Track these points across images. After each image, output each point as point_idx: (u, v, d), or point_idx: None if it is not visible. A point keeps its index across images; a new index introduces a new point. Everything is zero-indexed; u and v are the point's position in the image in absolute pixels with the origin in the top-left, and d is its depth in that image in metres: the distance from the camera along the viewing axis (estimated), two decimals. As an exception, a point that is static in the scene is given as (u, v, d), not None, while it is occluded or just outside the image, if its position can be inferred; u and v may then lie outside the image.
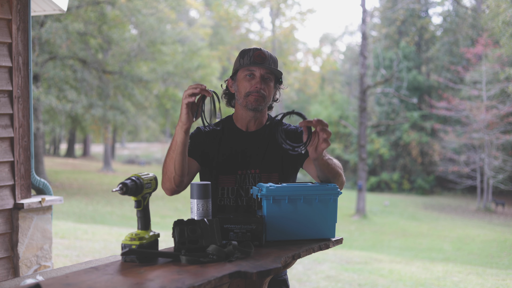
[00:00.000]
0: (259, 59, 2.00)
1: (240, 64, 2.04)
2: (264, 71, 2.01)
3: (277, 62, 2.07)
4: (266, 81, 2.03)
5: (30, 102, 3.28)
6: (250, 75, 2.02)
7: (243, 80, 2.03)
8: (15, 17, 3.18)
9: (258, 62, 1.99)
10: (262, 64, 1.99)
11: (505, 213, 19.36)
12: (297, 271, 6.42)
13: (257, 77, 2.01)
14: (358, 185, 16.85)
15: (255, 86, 2.01)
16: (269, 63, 2.02)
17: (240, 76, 2.05)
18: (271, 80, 2.04)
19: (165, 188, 1.96)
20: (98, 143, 39.13)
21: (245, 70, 2.02)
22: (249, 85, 2.02)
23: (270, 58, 2.03)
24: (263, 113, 2.11)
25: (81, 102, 16.41)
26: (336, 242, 1.87)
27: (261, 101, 2.02)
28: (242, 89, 2.03)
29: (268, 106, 2.12)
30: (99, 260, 1.97)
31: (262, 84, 2.01)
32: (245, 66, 2.01)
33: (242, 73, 2.04)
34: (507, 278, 6.87)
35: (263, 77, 2.02)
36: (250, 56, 2.01)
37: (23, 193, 3.27)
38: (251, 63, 2.00)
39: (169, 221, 12.22)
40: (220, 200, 2.06)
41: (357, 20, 51.67)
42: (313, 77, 30.85)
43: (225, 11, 27.61)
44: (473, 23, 24.94)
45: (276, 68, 2.06)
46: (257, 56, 2.00)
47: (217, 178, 2.06)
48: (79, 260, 6.24)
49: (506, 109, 19.17)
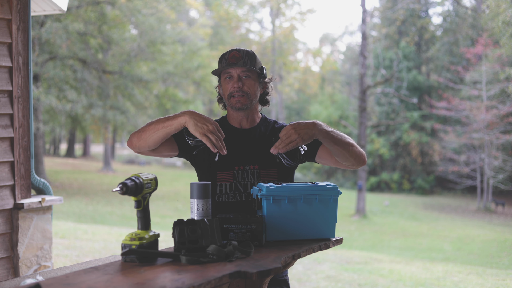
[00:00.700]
0: (234, 60, 2.05)
1: (220, 68, 2.10)
2: (240, 70, 2.06)
3: (254, 58, 2.09)
4: (244, 80, 2.07)
5: (30, 102, 3.28)
6: (229, 77, 2.09)
7: (224, 83, 2.11)
8: (15, 17, 3.18)
9: (233, 63, 2.05)
10: (236, 64, 2.05)
11: (505, 213, 19.36)
12: (297, 271, 6.42)
13: (234, 77, 2.07)
14: (358, 185, 16.85)
15: (232, 86, 2.07)
16: (245, 61, 2.06)
17: (221, 80, 2.13)
18: (250, 77, 2.08)
19: (131, 141, 2.03)
20: (98, 143, 39.14)
21: (224, 73, 2.10)
22: (229, 86, 2.09)
23: (246, 56, 2.07)
24: (254, 110, 2.16)
25: (81, 102, 16.41)
26: (336, 242, 1.87)
27: (244, 100, 2.07)
28: (225, 92, 2.11)
29: (261, 102, 2.19)
30: (99, 260, 1.97)
31: (239, 83, 2.06)
32: (223, 69, 2.08)
33: (223, 77, 2.11)
34: (507, 278, 6.88)
35: (240, 77, 2.07)
36: (226, 58, 2.07)
37: (23, 193, 3.27)
38: (226, 65, 2.06)
39: (169, 221, 12.22)
40: (218, 197, 2.08)
41: (357, 20, 51.69)
42: (313, 77, 30.84)
43: (225, 11, 27.60)
44: (473, 23, 24.93)
45: (254, 63, 2.08)
46: (232, 57, 2.06)
47: (215, 175, 2.08)
48: (79, 260, 6.24)
49: (506, 109, 19.17)
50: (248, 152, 2.09)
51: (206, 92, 22.89)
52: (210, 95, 24.26)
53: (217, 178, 2.08)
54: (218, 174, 2.08)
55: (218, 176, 2.08)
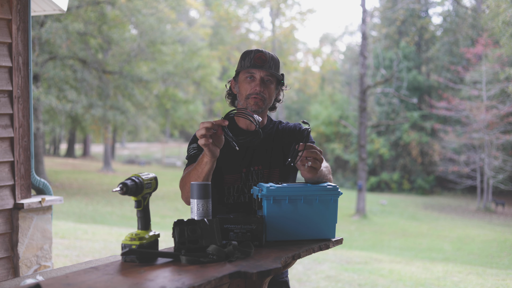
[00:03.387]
0: (260, 62, 2.02)
1: (241, 66, 2.06)
2: (264, 74, 2.03)
3: (278, 64, 2.08)
4: (266, 84, 2.05)
5: (30, 102, 3.28)
6: (250, 77, 2.04)
7: (244, 82, 2.06)
8: (15, 17, 3.18)
9: (258, 65, 2.01)
10: (262, 67, 2.01)
11: (505, 213, 19.36)
12: (297, 271, 6.42)
13: (257, 80, 2.03)
14: (358, 185, 16.84)
15: (254, 89, 2.03)
16: (270, 66, 2.03)
17: (241, 78, 2.08)
18: (271, 82, 2.06)
19: (186, 198, 1.98)
20: (98, 143, 39.13)
21: (246, 72, 2.05)
22: (249, 87, 2.04)
23: (271, 60, 2.04)
24: (264, 114, 2.13)
25: (81, 102, 16.41)
26: (336, 242, 1.87)
27: (261, 103, 2.05)
28: (243, 91, 2.06)
29: (269, 107, 2.14)
30: (99, 260, 1.97)
31: (261, 87, 2.03)
32: (245, 68, 2.03)
33: (243, 75, 2.06)
34: (507, 278, 6.88)
35: (263, 80, 2.04)
36: (251, 58, 2.03)
37: (23, 193, 3.27)
38: (251, 66, 2.02)
39: (169, 221, 12.22)
40: (227, 199, 2.08)
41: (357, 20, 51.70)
42: (313, 77, 30.83)
43: (225, 11, 27.60)
44: (473, 23, 24.93)
45: (278, 69, 2.07)
46: (258, 58, 2.02)
47: (223, 178, 2.07)
48: (79, 260, 6.24)
49: (506, 109, 19.17)
50: (254, 153, 2.09)
51: (206, 92, 22.89)
52: (210, 95, 24.25)
53: (224, 181, 2.07)
54: (226, 178, 2.07)
55: (226, 179, 2.07)
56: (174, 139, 46.11)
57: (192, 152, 2.06)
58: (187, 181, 1.94)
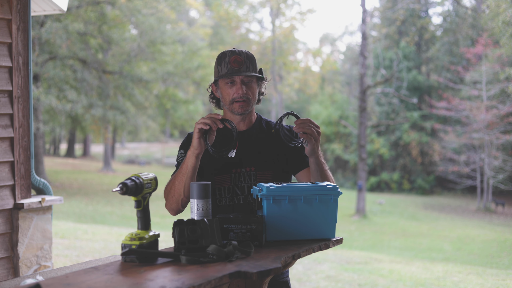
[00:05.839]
0: (236, 65, 2.00)
1: (219, 72, 2.04)
2: (242, 76, 2.02)
3: (254, 60, 2.06)
4: (248, 84, 2.04)
5: (30, 102, 3.28)
6: (231, 82, 2.03)
7: (225, 88, 2.05)
8: (15, 17, 3.18)
9: (236, 69, 2.00)
10: (239, 70, 2.00)
11: (505, 213, 19.36)
12: (297, 271, 6.42)
13: (238, 83, 2.03)
14: (358, 185, 16.84)
15: (237, 93, 2.02)
16: (247, 66, 2.01)
17: (221, 84, 2.06)
18: (251, 81, 2.05)
19: (170, 208, 2.03)
20: (98, 143, 39.12)
21: (225, 78, 2.04)
22: (232, 91, 2.03)
23: (247, 60, 2.02)
24: (251, 112, 2.14)
25: (81, 102, 16.40)
26: (336, 242, 1.87)
27: (246, 106, 2.05)
28: (226, 96, 2.05)
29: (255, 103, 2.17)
30: (99, 260, 1.97)
31: (243, 89, 2.02)
32: (223, 76, 2.02)
33: (223, 81, 2.05)
34: (507, 278, 6.88)
35: (244, 82, 2.03)
36: (227, 62, 2.00)
37: (23, 193, 3.27)
38: (229, 71, 2.00)
39: (169, 221, 12.21)
40: (219, 201, 2.08)
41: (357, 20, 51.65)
42: (313, 77, 30.84)
43: (225, 11, 27.61)
44: (473, 23, 24.92)
45: (255, 66, 2.05)
46: (234, 62, 2.00)
47: (213, 179, 2.07)
48: (79, 260, 6.25)
49: (506, 109, 19.16)
50: (245, 154, 2.08)
51: (206, 92, 22.81)
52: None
53: (215, 182, 2.07)
54: (216, 178, 2.07)
55: (216, 179, 2.07)
56: (174, 139, 46.09)
57: (180, 158, 2.07)
58: (170, 187, 1.96)
